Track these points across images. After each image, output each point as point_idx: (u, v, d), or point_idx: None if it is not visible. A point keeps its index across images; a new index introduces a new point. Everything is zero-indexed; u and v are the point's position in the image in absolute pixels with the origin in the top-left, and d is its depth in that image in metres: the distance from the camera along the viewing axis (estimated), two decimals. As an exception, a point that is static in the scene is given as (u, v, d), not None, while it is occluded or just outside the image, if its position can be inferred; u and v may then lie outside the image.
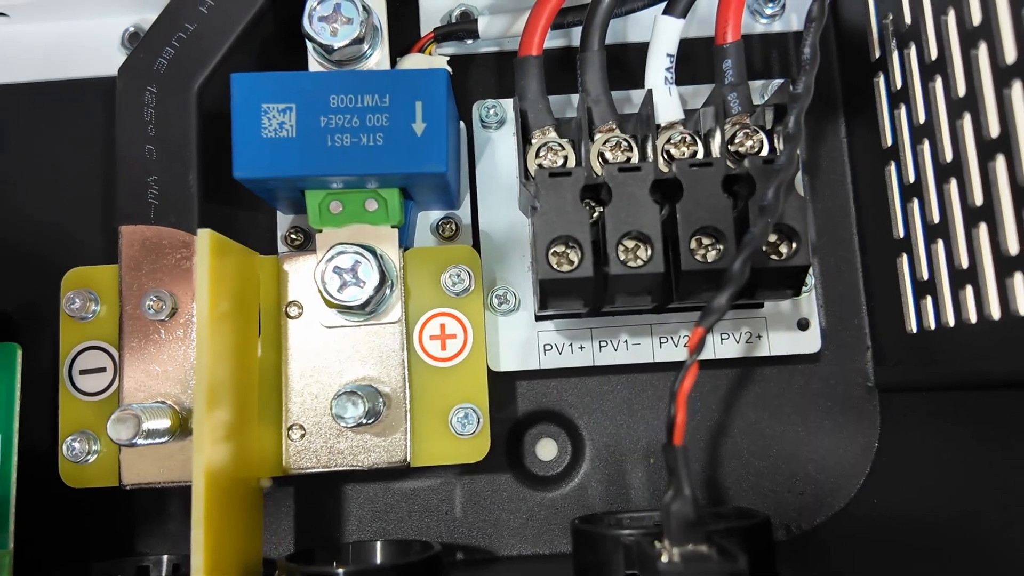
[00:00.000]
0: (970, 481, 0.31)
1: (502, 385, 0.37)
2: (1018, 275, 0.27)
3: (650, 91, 0.33)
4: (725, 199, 0.31)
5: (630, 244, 0.31)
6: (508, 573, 0.35)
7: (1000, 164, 0.27)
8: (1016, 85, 0.26)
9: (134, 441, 0.30)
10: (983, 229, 0.29)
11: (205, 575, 0.28)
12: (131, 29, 0.39)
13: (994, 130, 0.28)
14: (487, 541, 0.37)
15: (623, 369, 0.37)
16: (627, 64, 0.38)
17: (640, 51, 0.34)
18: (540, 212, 0.31)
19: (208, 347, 0.29)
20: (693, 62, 0.37)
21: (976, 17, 0.28)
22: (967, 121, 0.29)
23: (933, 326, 0.33)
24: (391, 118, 0.31)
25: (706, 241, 0.31)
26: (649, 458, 0.37)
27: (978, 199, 0.29)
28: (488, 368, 0.35)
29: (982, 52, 0.28)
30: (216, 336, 0.30)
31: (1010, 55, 0.27)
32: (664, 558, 0.25)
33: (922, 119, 0.32)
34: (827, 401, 0.37)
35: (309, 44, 0.33)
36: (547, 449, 0.38)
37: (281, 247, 0.37)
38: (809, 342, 0.36)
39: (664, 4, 0.33)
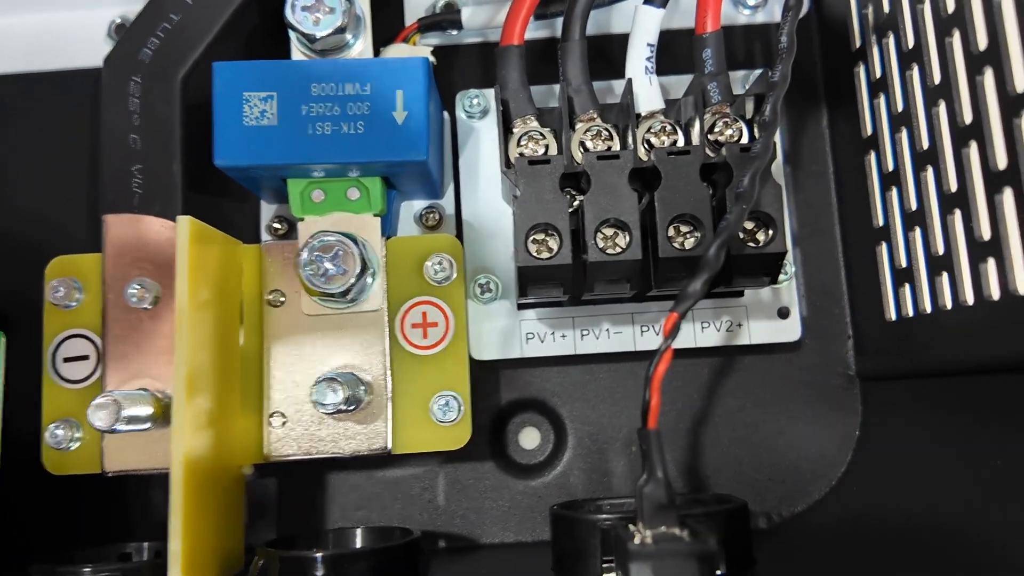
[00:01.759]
0: (951, 468, 0.31)
1: (485, 374, 0.37)
2: (991, 260, 0.27)
3: (630, 80, 0.33)
4: (703, 187, 0.31)
5: (609, 232, 0.31)
6: (490, 561, 0.36)
7: (973, 151, 0.28)
8: (988, 72, 0.27)
9: (114, 427, 0.30)
10: (958, 215, 0.29)
11: (183, 561, 0.28)
12: (117, 20, 0.39)
13: (967, 117, 0.28)
14: (470, 529, 0.37)
15: (605, 358, 0.37)
16: (610, 54, 0.38)
17: (623, 42, 0.34)
18: (519, 200, 0.31)
19: (188, 335, 0.29)
20: (675, 53, 0.37)
21: (950, 5, 0.29)
22: (942, 109, 0.30)
23: (911, 313, 0.33)
24: (372, 106, 0.31)
25: (684, 229, 0.31)
26: (631, 446, 0.37)
27: (953, 186, 0.29)
28: (471, 357, 0.35)
29: (956, 40, 0.28)
30: (196, 324, 0.30)
31: (982, 42, 0.27)
32: (636, 540, 0.25)
33: (900, 108, 0.33)
34: (808, 390, 0.37)
35: (292, 34, 0.33)
36: (530, 437, 0.38)
37: (265, 236, 0.37)
38: (789, 331, 0.36)
39: (645, -7, 0.33)
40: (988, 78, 0.27)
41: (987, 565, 0.27)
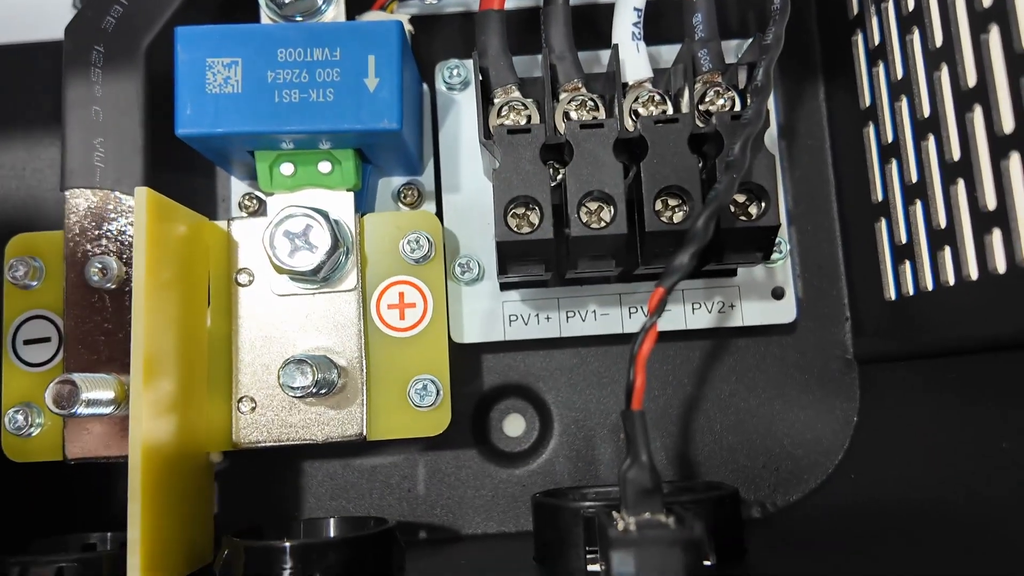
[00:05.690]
0: (953, 454, 0.29)
1: (466, 358, 0.36)
2: (996, 231, 0.25)
3: (616, 46, 0.31)
4: (692, 158, 0.29)
5: (593, 205, 0.29)
6: (472, 552, 0.34)
7: (978, 114, 0.26)
8: (993, 30, 0.25)
9: (74, 411, 0.29)
10: (961, 185, 0.27)
11: (143, 550, 0.26)
12: (82, -10, 0.37)
13: (971, 79, 0.26)
14: (451, 519, 0.36)
15: (592, 340, 0.36)
16: (597, 24, 0.36)
17: (609, 12, 0.33)
18: (498, 171, 0.29)
19: (145, 315, 0.27)
20: (663, 23, 0.36)
21: (953, -39, 0.27)
22: (944, 73, 0.28)
23: (912, 292, 0.31)
24: (342, 73, 0.30)
25: (672, 202, 0.29)
26: (619, 433, 0.36)
27: (956, 154, 0.28)
28: (451, 340, 0.34)
29: (959, -3, 0.27)
30: (156, 304, 0.28)
31: (987, -2, 0.25)
32: (619, 527, 0.23)
33: (900, 75, 0.31)
34: (804, 374, 0.36)
35: (260, -1, 0.32)
36: (514, 424, 0.36)
37: (236, 214, 0.36)
38: (784, 312, 0.35)
39: (631, -44, 0.32)
40: (994, 36, 0.25)
41: (990, 553, 0.26)
